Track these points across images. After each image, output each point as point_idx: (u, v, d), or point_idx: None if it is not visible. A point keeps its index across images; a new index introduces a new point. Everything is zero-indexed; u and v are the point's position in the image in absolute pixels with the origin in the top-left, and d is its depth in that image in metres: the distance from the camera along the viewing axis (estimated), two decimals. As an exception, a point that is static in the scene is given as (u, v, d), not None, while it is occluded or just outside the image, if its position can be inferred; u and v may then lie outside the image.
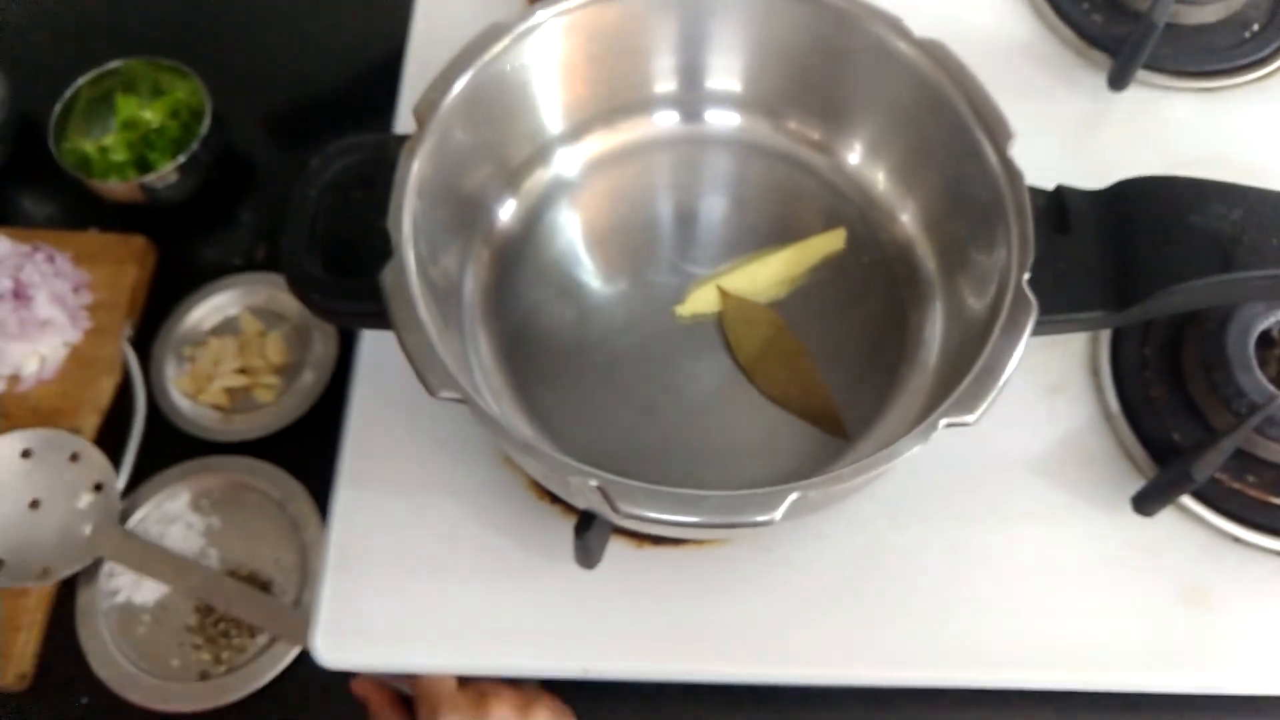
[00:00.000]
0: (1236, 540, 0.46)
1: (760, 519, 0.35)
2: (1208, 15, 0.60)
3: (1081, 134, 0.58)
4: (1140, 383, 0.49)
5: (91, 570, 0.61)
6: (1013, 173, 0.42)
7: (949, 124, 0.45)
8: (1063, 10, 0.61)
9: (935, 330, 0.47)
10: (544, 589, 0.45)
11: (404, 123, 0.57)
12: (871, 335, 0.49)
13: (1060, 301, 0.41)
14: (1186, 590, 0.46)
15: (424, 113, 0.43)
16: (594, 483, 0.36)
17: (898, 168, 0.50)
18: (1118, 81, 0.57)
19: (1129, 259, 0.41)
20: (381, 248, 0.41)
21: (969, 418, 0.38)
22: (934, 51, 0.45)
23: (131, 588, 0.61)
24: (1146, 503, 0.45)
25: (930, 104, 0.46)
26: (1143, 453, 0.48)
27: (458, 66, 0.44)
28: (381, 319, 0.39)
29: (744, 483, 0.44)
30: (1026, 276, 0.40)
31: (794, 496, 0.35)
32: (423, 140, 0.43)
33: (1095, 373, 0.50)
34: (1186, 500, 0.46)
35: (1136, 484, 0.46)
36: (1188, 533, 0.47)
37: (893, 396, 0.47)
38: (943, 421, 0.37)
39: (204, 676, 0.58)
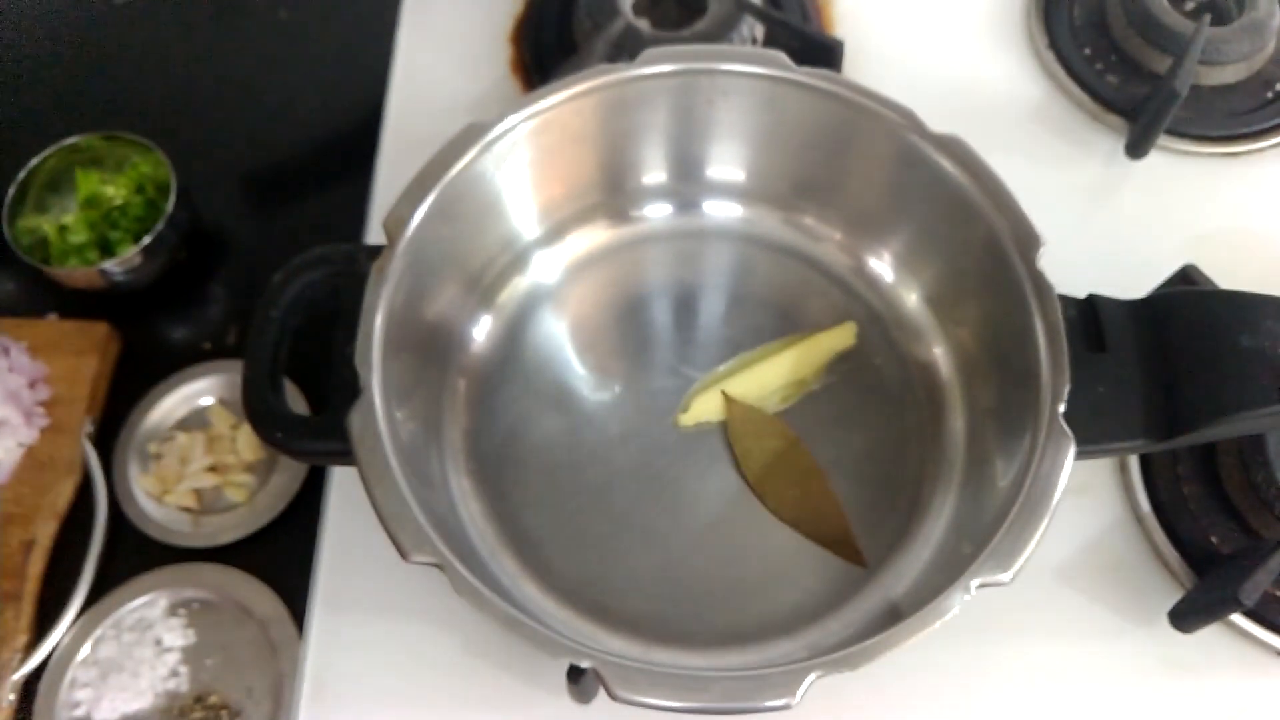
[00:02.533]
0: None
1: (775, 704, 0.32)
2: (1228, 76, 0.58)
3: (1099, 203, 0.55)
4: (1172, 481, 0.46)
5: (53, 684, 0.57)
6: (1042, 287, 0.40)
7: (971, 227, 0.42)
8: (1075, 72, 0.59)
9: (959, 445, 0.45)
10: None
11: (375, 229, 0.54)
12: (890, 451, 0.46)
13: (1099, 431, 0.38)
14: (1233, 712, 0.43)
15: (394, 229, 0.41)
16: (587, 664, 0.33)
17: (918, 271, 0.48)
18: (1136, 150, 0.55)
19: (1174, 383, 0.39)
20: (351, 379, 0.38)
21: (1004, 576, 0.35)
22: (953, 149, 0.42)
23: (92, 703, 0.58)
24: (1186, 620, 0.43)
25: (951, 205, 0.43)
26: (1178, 558, 0.45)
27: (426, 180, 0.41)
28: (352, 458, 0.37)
29: (755, 622, 0.42)
30: (1062, 408, 0.37)
31: (813, 677, 0.32)
32: (392, 260, 0.40)
33: (1123, 469, 0.48)
34: None
35: (1172, 593, 0.44)
36: (1232, 650, 0.44)
37: (916, 519, 0.44)
38: (974, 583, 0.34)
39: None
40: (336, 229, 0.53)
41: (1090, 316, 0.41)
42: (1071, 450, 0.37)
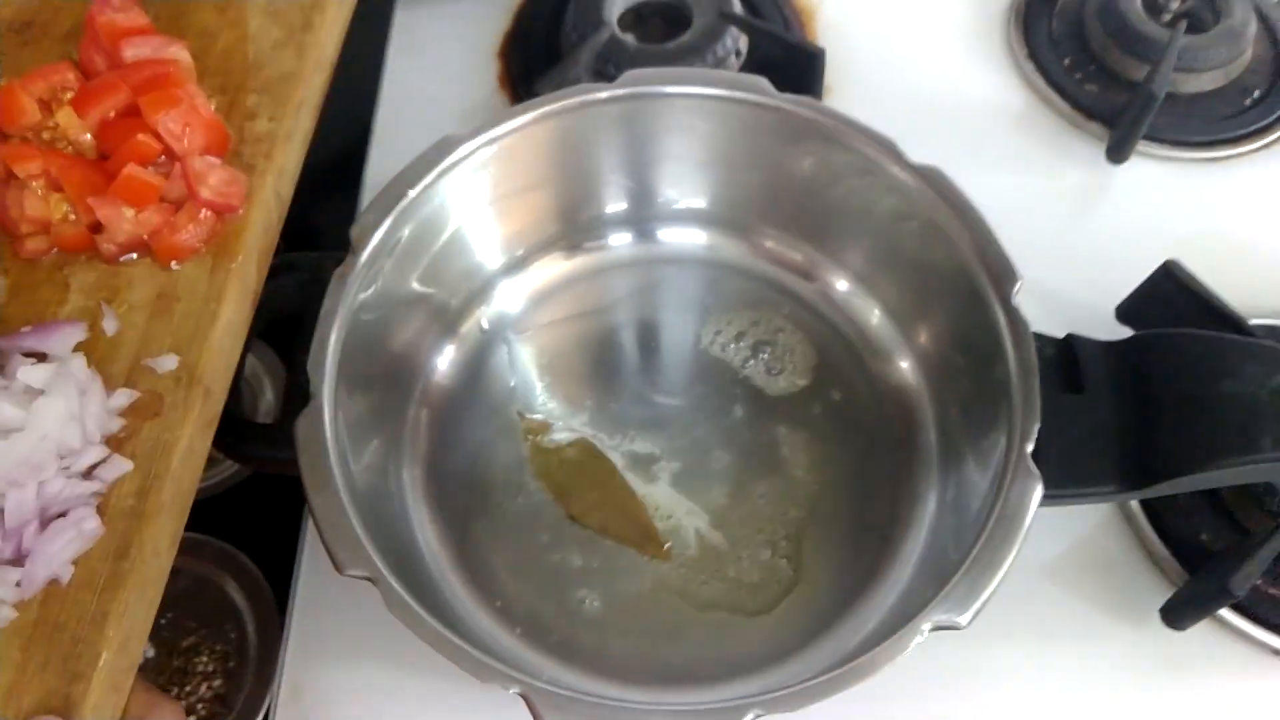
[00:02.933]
0: (1277, 653, 0.43)
1: (714, 739, 0.31)
2: (1206, 83, 0.58)
3: (1081, 209, 0.56)
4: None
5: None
6: (1017, 324, 0.39)
7: (948, 261, 0.42)
8: (1055, 81, 0.59)
9: (930, 484, 0.44)
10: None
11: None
12: (864, 486, 0.45)
13: (1069, 475, 0.37)
14: (1227, 711, 0.42)
15: (359, 237, 0.40)
16: (515, 690, 0.32)
17: (891, 301, 0.47)
18: (1117, 154, 0.56)
19: (1151, 430, 0.38)
20: (305, 388, 0.37)
21: (961, 619, 0.34)
22: (932, 179, 0.41)
23: None
24: (1177, 616, 0.42)
25: (927, 238, 0.43)
26: (1168, 556, 0.44)
27: (393, 192, 0.42)
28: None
29: (714, 662, 0.41)
30: (1030, 448, 0.36)
31: (751, 716, 0.31)
32: (354, 269, 0.40)
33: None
34: (1221, 610, 0.43)
35: (1163, 590, 0.43)
36: (1224, 647, 0.43)
37: (884, 560, 0.43)
38: (927, 625, 0.33)
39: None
40: (327, 241, 0.52)
41: (1068, 356, 0.40)
42: (1038, 492, 0.36)
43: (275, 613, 0.57)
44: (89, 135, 0.39)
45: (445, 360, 0.47)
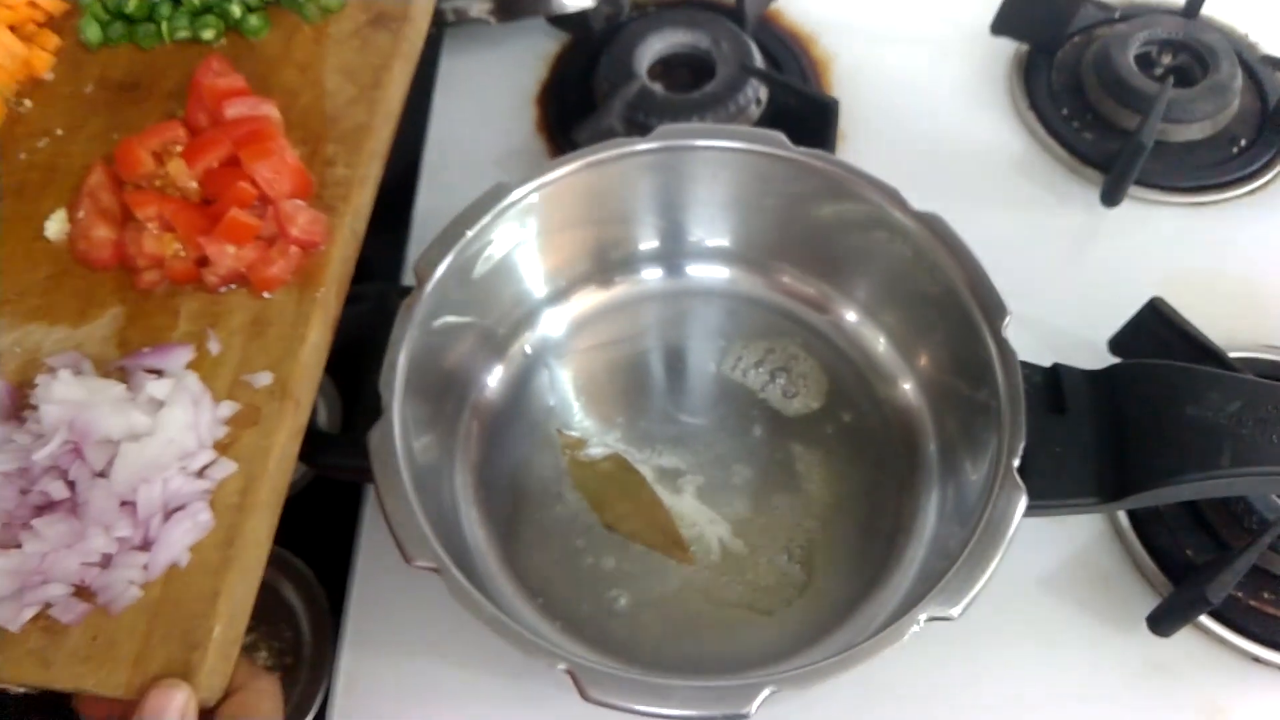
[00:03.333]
0: (1255, 659, 0.47)
1: (735, 712, 0.36)
2: (1195, 133, 0.63)
3: (1076, 248, 0.60)
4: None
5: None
6: (1006, 353, 0.43)
7: (946, 297, 0.46)
8: (1054, 128, 0.64)
9: (932, 498, 0.48)
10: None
11: (410, 273, 0.59)
12: (872, 500, 0.49)
13: (1053, 488, 0.42)
14: (1208, 713, 0.46)
15: (423, 272, 0.46)
16: (562, 666, 0.36)
17: (897, 332, 0.52)
18: (1110, 198, 0.60)
19: (1125, 449, 0.42)
20: (375, 404, 0.43)
21: (953, 611, 0.38)
22: (932, 224, 0.46)
23: None
24: (1162, 623, 0.46)
25: (928, 276, 0.47)
26: (1155, 569, 0.48)
27: (453, 231, 0.47)
28: (370, 474, 0.41)
29: (735, 657, 0.45)
30: (1016, 463, 0.41)
31: (768, 691, 0.36)
32: (419, 299, 0.45)
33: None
34: (1204, 619, 0.47)
35: (1150, 602, 0.47)
36: (1206, 652, 0.47)
37: (889, 566, 0.47)
38: (923, 616, 0.38)
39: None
40: (378, 272, 0.57)
41: (1053, 382, 0.45)
42: (1023, 501, 0.40)
43: (328, 613, 0.62)
44: (194, 183, 0.45)
45: (495, 379, 0.52)
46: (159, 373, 0.41)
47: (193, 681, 0.36)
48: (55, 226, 0.46)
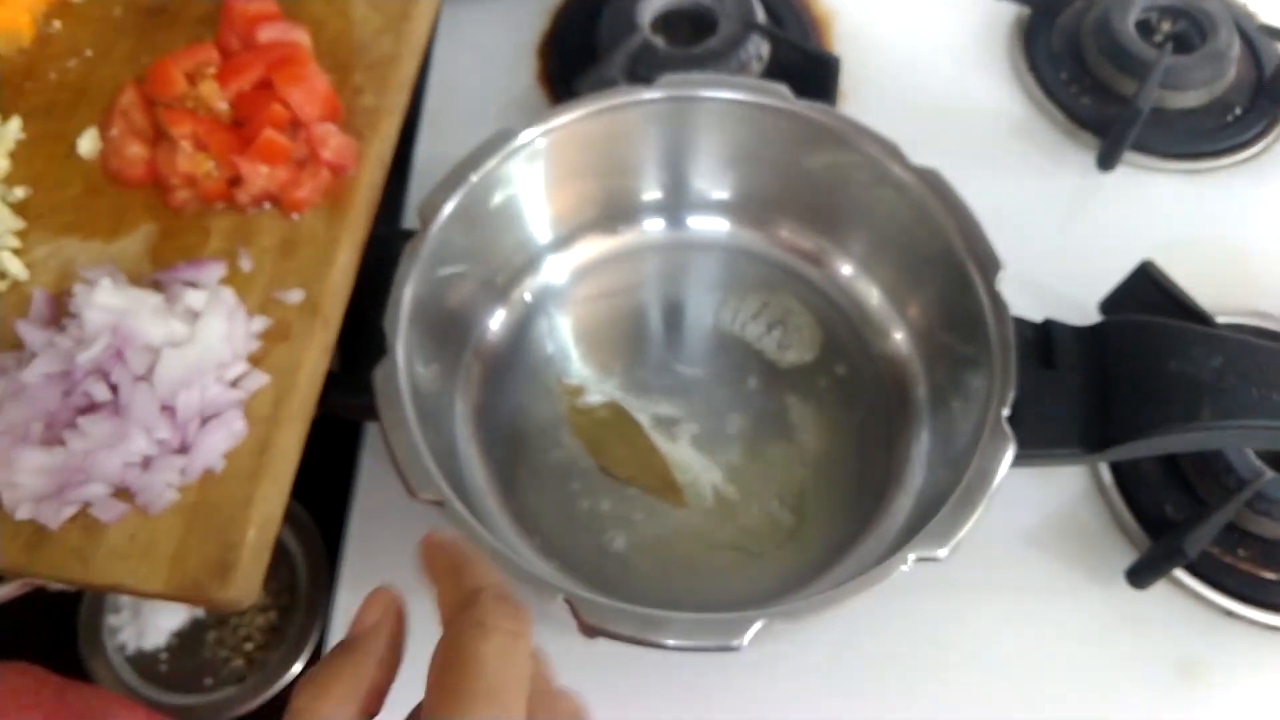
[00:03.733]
0: (1229, 614, 0.48)
1: (727, 644, 0.37)
2: (1191, 100, 0.64)
3: (1071, 212, 0.62)
4: (1133, 456, 0.51)
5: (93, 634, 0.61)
6: (999, 306, 0.44)
7: (941, 251, 0.47)
8: (1052, 92, 0.65)
9: (921, 450, 0.50)
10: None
11: (410, 218, 0.60)
12: (863, 451, 0.51)
13: (1040, 438, 0.43)
14: (1182, 665, 0.47)
15: (427, 214, 0.46)
16: (561, 597, 0.38)
17: (891, 285, 0.53)
18: (1106, 162, 0.61)
19: (1111, 402, 0.44)
20: (379, 344, 0.43)
21: (940, 552, 0.40)
22: (929, 180, 0.47)
23: (136, 637, 0.62)
24: (1140, 576, 0.48)
25: (924, 230, 0.48)
26: (1135, 526, 0.50)
27: (459, 174, 0.47)
28: (375, 413, 0.42)
29: (732, 598, 0.46)
30: (1006, 412, 0.42)
31: (759, 624, 0.37)
32: (424, 241, 0.46)
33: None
34: (1180, 574, 0.49)
35: (1130, 557, 0.49)
36: (1182, 606, 0.49)
37: (878, 514, 0.49)
38: (912, 556, 0.39)
39: (241, 680, 0.59)
40: (377, 217, 0.58)
41: (1044, 338, 0.46)
42: (1010, 449, 0.42)
43: (324, 554, 0.63)
44: (226, 104, 0.46)
45: (496, 322, 0.53)
46: (194, 286, 0.42)
47: (228, 581, 0.37)
48: (87, 144, 0.47)
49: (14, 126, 0.48)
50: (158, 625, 0.61)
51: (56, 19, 0.52)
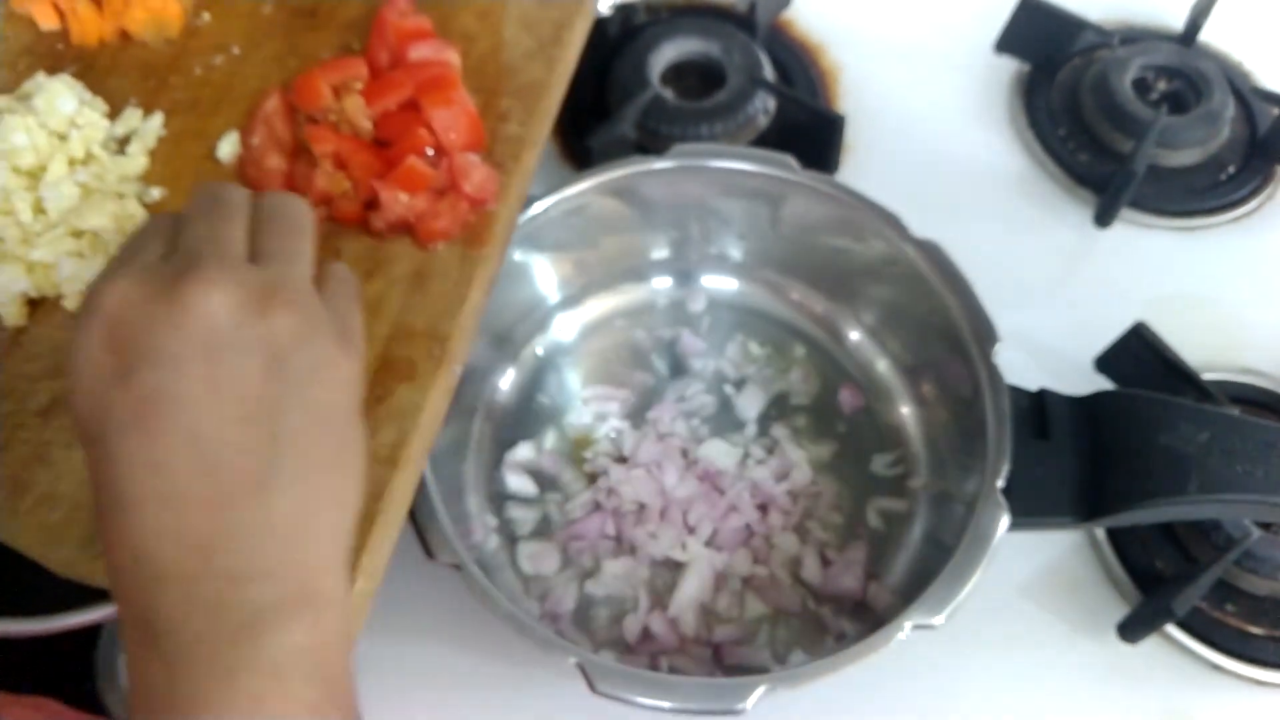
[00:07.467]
0: (1216, 668, 0.51)
1: (731, 708, 0.40)
2: (1187, 159, 0.66)
3: (1068, 267, 0.64)
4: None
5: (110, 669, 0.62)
6: (995, 378, 0.47)
7: (941, 323, 0.50)
8: (1051, 148, 0.67)
9: (919, 514, 0.52)
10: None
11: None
12: (861, 513, 0.53)
13: (1033, 507, 0.46)
14: (1171, 717, 0.49)
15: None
16: (573, 660, 0.40)
17: (898, 355, 0.55)
18: (1103, 219, 0.64)
19: (1102, 473, 0.46)
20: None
21: (936, 620, 0.42)
22: (930, 252, 0.50)
23: None
24: (1131, 631, 0.50)
25: (925, 302, 0.51)
26: (1127, 580, 0.52)
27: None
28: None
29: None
30: (1001, 483, 0.45)
31: (761, 689, 0.40)
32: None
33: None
34: (1170, 628, 0.51)
35: (1122, 610, 0.51)
36: (1171, 660, 0.51)
37: (876, 577, 0.51)
38: (908, 624, 0.42)
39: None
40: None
41: (1039, 407, 0.49)
42: (1005, 519, 0.44)
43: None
44: (369, 122, 0.45)
45: (507, 381, 0.55)
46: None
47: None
48: (228, 149, 0.46)
49: (156, 123, 0.46)
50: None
51: (206, 10, 0.50)
